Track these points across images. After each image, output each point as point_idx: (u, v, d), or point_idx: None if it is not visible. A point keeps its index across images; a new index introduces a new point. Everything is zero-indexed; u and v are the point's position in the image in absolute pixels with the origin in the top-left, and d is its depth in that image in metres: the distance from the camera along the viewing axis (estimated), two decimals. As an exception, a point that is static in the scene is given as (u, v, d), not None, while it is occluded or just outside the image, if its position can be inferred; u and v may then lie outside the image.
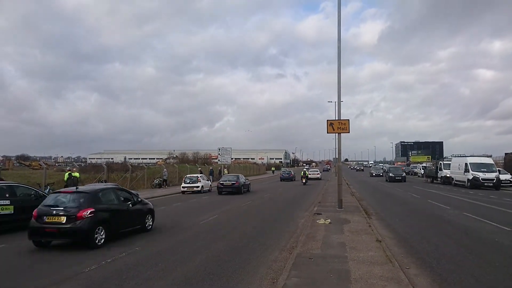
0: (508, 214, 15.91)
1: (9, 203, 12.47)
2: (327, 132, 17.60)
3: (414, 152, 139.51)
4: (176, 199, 24.93)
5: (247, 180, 31.77)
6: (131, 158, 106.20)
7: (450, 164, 37.09)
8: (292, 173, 52.29)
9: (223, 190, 28.52)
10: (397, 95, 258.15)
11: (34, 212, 10.06)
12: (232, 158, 66.15)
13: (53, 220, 9.74)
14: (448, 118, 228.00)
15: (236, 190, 28.12)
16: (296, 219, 15.26)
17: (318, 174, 53.11)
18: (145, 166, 42.86)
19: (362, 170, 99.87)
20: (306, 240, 10.30)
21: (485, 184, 30.06)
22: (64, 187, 21.20)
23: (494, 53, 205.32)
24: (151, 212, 12.85)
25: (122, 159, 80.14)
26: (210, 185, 32.99)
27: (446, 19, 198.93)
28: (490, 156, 36.54)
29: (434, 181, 40.54)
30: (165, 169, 37.81)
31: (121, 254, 9.22)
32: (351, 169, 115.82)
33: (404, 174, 44.81)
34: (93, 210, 10.00)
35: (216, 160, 73.18)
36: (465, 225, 13.27)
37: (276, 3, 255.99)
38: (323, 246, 9.52)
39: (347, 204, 18.66)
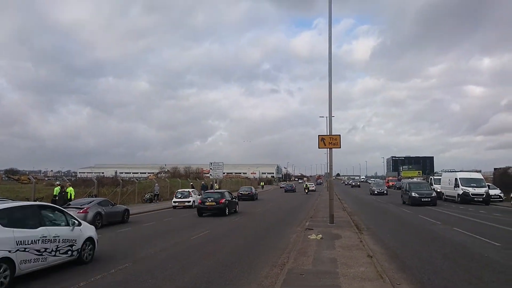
0: (498, 230, 16.02)
1: None
2: (319, 147, 17.75)
3: (405, 167, 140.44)
4: (167, 214, 24.71)
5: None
6: (122, 173, 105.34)
7: (440, 179, 37.38)
8: (294, 186, 70.97)
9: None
10: (389, 110, 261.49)
11: None
12: (224, 173, 65.78)
13: None
14: (439, 133, 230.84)
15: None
16: (288, 234, 15.21)
17: (313, 186, 70.14)
18: (136, 181, 42.50)
19: (359, 186, 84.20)
20: (297, 255, 10.25)
21: (475, 199, 30.26)
22: (52, 202, 20.98)
23: (483, 70, 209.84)
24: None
25: (113, 174, 79.47)
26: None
27: (437, 37, 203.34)
28: (480, 171, 37.01)
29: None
30: (156, 184, 37.58)
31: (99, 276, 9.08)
32: (345, 184, 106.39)
33: (434, 193, 30.38)
34: None
35: (208, 175, 72.80)
36: (455, 240, 13.32)
37: (271, 20, 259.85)
38: (315, 262, 9.48)
39: (339, 219, 18.67)
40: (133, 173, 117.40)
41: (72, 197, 21.64)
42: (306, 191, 56.47)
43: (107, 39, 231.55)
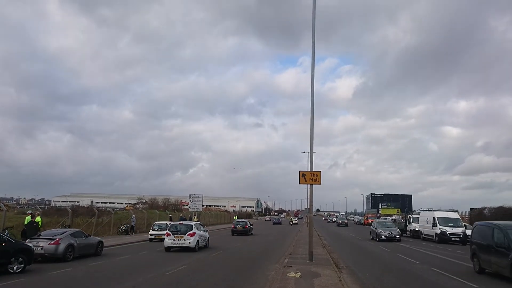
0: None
1: None
2: (299, 183, 17.75)
3: (384, 204, 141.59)
4: (143, 247, 23.99)
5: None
6: (99, 202, 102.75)
7: (419, 217, 37.70)
8: (280, 219, 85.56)
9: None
10: (370, 148, 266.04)
11: None
12: (204, 205, 64.95)
13: None
14: (418, 172, 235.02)
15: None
16: (266, 271, 14.89)
17: (296, 220, 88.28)
18: (113, 211, 41.40)
19: (346, 224, 70.83)
20: (275, 294, 10.00)
21: (453, 239, 30.51)
22: (22, 232, 20.16)
23: (459, 112, 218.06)
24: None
25: (89, 203, 77.28)
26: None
27: (416, 79, 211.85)
28: (457, 211, 37.53)
29: (404, 234, 40.83)
30: (133, 215, 36.63)
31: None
32: (328, 221, 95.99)
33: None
34: None
35: (187, 207, 71.72)
36: (433, 281, 13.29)
37: (257, 56, 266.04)
38: (293, 302, 9.25)
39: (318, 256, 18.45)
40: (110, 203, 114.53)
41: (39, 226, 20.73)
42: (291, 223, 73.65)
43: (94, 67, 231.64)
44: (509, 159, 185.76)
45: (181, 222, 26.37)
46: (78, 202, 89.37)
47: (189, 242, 20.89)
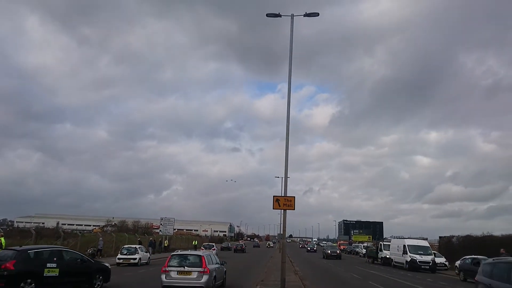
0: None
1: (55, 266, 13.56)
2: (273, 208, 17.64)
3: (356, 231, 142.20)
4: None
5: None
6: (65, 224, 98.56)
7: (389, 245, 38.07)
8: (259, 243, 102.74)
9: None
10: (344, 174, 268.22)
11: None
12: (175, 229, 63.51)
13: None
14: (389, 200, 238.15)
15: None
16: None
17: (272, 244, 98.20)
18: (79, 233, 39.85)
19: (315, 251, 68.91)
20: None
21: (422, 267, 30.89)
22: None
23: (430, 142, 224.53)
24: None
25: (55, 224, 74.26)
26: (149, 257, 31.14)
27: (390, 110, 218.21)
28: (426, 239, 38.13)
29: (375, 261, 41.08)
30: (100, 238, 35.39)
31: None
32: (300, 247, 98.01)
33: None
34: None
35: (158, 230, 70.05)
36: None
37: (237, 81, 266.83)
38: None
39: (290, 283, 18.24)
40: (77, 225, 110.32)
41: (2, 247, 19.70)
42: (268, 246, 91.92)
43: (71, 86, 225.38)
44: (476, 189, 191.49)
45: (153, 248, 25.60)
46: (43, 223, 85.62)
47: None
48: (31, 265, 13.14)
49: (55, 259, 13.73)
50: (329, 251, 47.82)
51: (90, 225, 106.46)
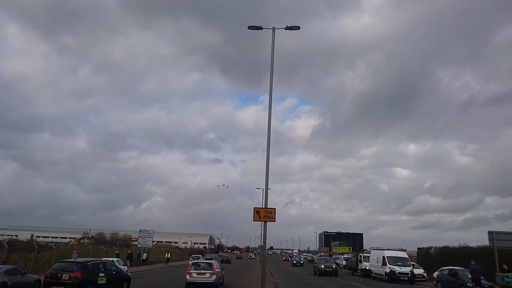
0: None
1: (104, 275, 16.43)
2: (254, 220, 17.64)
3: (336, 242, 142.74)
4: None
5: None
6: (40, 236, 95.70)
7: (369, 256, 38.33)
8: (241, 255, 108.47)
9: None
10: (325, 186, 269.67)
11: None
12: (154, 241, 62.39)
13: None
14: (369, 211, 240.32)
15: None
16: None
17: (254, 256, 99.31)
18: (54, 246, 38.62)
19: (302, 265, 62.62)
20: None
21: (401, 278, 31.16)
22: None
23: (409, 154, 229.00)
24: None
25: (28, 237, 71.88)
26: (127, 270, 30.36)
27: (370, 122, 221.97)
28: (405, 250, 38.56)
29: (355, 273, 41.26)
30: (75, 251, 34.26)
31: None
32: (284, 260, 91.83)
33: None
34: None
35: (136, 243, 68.74)
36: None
37: (219, 92, 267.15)
38: None
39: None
40: (52, 237, 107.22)
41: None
42: (250, 258, 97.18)
43: (49, 95, 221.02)
44: (453, 201, 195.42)
45: (131, 260, 25.08)
46: (16, 236, 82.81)
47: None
48: (91, 275, 15.87)
49: (103, 269, 16.72)
50: (322, 266, 38.84)
51: (66, 238, 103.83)
